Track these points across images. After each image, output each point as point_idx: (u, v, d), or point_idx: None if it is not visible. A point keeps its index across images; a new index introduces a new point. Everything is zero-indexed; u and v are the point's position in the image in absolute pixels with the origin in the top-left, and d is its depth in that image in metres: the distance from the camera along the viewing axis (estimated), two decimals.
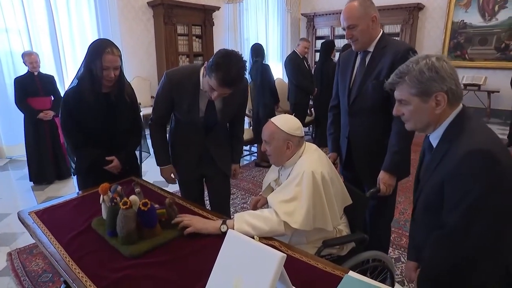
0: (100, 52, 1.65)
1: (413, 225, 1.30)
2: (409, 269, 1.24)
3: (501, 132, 5.88)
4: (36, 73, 3.47)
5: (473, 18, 6.55)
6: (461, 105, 1.06)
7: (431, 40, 7.08)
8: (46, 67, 4.46)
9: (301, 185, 1.38)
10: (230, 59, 1.49)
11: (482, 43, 6.59)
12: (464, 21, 6.66)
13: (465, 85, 6.57)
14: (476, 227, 0.94)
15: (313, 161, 1.46)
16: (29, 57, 3.39)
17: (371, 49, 1.70)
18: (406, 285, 2.08)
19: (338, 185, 1.53)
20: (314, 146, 1.59)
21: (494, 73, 6.56)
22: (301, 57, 4.48)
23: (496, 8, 6.33)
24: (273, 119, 1.53)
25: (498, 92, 6.39)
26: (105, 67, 1.67)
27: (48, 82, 3.56)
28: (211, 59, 1.53)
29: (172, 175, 1.94)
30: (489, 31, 6.47)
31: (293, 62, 4.38)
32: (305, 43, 4.47)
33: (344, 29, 1.70)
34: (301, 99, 4.49)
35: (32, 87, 3.44)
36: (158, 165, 1.92)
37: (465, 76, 6.65)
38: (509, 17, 6.24)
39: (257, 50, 3.99)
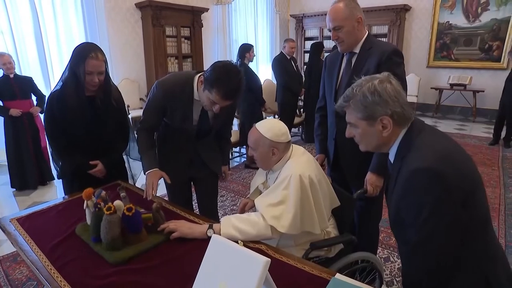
0: (84, 56, 1.61)
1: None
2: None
3: (486, 131, 6.00)
4: (11, 76, 3.29)
5: (458, 19, 6.68)
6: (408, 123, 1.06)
7: (418, 40, 7.19)
8: (31, 69, 4.37)
9: (288, 188, 1.38)
10: (230, 73, 1.50)
11: (467, 44, 6.72)
12: (450, 22, 6.78)
13: (452, 85, 6.70)
14: (435, 239, 0.95)
15: (300, 164, 1.46)
16: (2, 58, 3.21)
17: (357, 50, 1.70)
18: (395, 285, 2.10)
19: (326, 187, 1.53)
20: (301, 149, 1.59)
21: (479, 73, 6.69)
22: (288, 57, 4.50)
23: (479, 10, 6.47)
24: (257, 125, 1.51)
25: (483, 91, 6.52)
26: (89, 72, 1.63)
27: (25, 84, 3.39)
28: (209, 74, 1.52)
29: (156, 182, 1.78)
30: (473, 32, 6.61)
31: (280, 63, 4.40)
32: (291, 43, 4.50)
33: (330, 31, 1.70)
34: (289, 100, 4.51)
35: (8, 90, 3.27)
36: (144, 171, 1.79)
37: (451, 76, 6.77)
38: (491, 19, 6.38)
39: (243, 50, 3.99)
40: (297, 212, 1.36)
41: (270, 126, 1.49)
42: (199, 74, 1.64)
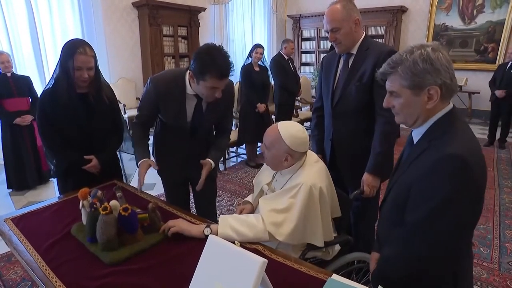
0: (72, 52, 1.61)
1: (379, 217, 1.28)
2: (372, 260, 1.23)
3: (481, 132, 6.04)
4: (9, 74, 3.30)
5: (454, 21, 6.72)
6: (451, 104, 1.02)
7: (414, 41, 7.05)
8: (27, 68, 4.34)
9: (296, 197, 1.35)
10: (213, 53, 1.49)
11: (463, 46, 6.77)
12: (446, 24, 6.82)
13: None
14: (435, 231, 0.93)
15: (313, 174, 1.41)
16: (0, 57, 3.23)
17: (354, 51, 1.71)
18: None
19: (332, 197, 1.50)
20: (315, 156, 1.55)
21: (475, 75, 6.74)
22: (286, 58, 4.52)
23: (475, 12, 6.51)
24: (280, 126, 1.43)
25: (479, 93, 6.56)
26: (77, 67, 1.62)
27: (23, 83, 3.39)
28: (194, 65, 1.51)
29: (145, 170, 1.69)
30: (469, 34, 6.65)
31: (278, 63, 4.41)
32: (291, 44, 4.52)
33: (327, 32, 1.70)
34: (286, 100, 4.52)
35: (5, 88, 3.27)
36: (137, 162, 1.73)
37: None
38: (486, 21, 6.43)
39: (251, 49, 4.05)
40: (300, 224, 1.33)
41: (292, 132, 1.41)
42: (189, 70, 1.63)
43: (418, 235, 0.96)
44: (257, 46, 4.03)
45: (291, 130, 1.42)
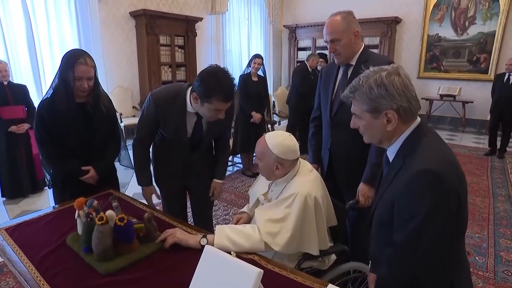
0: (73, 62, 1.62)
1: (370, 238, 1.28)
2: (370, 281, 1.23)
3: (475, 141, 6.11)
4: (5, 83, 3.31)
5: (447, 32, 6.86)
6: (418, 120, 1.04)
7: (409, 52, 7.34)
8: (24, 77, 4.34)
9: (291, 207, 1.35)
10: (219, 76, 1.50)
11: (456, 56, 6.89)
12: (439, 35, 6.95)
13: (442, 96, 6.84)
14: (422, 247, 0.94)
15: (307, 183, 1.43)
16: None
17: (353, 62, 1.73)
18: None
19: (327, 207, 1.51)
20: (309, 166, 1.56)
21: (468, 84, 6.84)
22: (310, 70, 4.88)
23: (467, 23, 6.66)
24: (267, 137, 1.46)
25: (472, 102, 6.66)
26: (78, 78, 1.63)
27: (19, 91, 3.40)
28: (200, 88, 1.51)
29: (153, 196, 1.91)
30: (462, 45, 6.79)
31: (303, 72, 4.87)
32: (315, 59, 4.93)
33: (326, 43, 1.73)
34: (299, 105, 4.88)
35: (1, 97, 3.28)
36: (139, 184, 1.89)
37: (441, 87, 6.92)
38: (478, 32, 6.57)
39: (250, 59, 4.15)
40: (296, 233, 1.33)
41: (279, 142, 1.44)
42: (191, 88, 1.63)
43: (407, 254, 0.97)
44: (256, 56, 4.09)
45: (277, 140, 1.44)
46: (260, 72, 4.16)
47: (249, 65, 4.13)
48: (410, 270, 0.99)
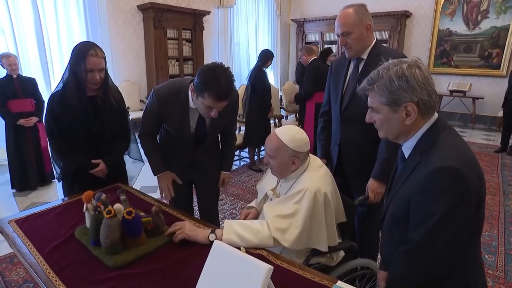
0: (84, 54, 1.62)
1: (382, 235, 1.27)
2: (380, 279, 1.21)
3: (485, 138, 6.01)
4: (15, 76, 3.33)
5: (458, 26, 6.72)
6: (435, 116, 1.02)
7: (418, 46, 7.22)
8: (32, 70, 4.36)
9: (300, 203, 1.34)
10: (216, 72, 1.47)
11: (467, 51, 6.75)
12: (450, 29, 6.81)
13: (451, 91, 6.72)
14: (440, 246, 0.92)
15: (317, 179, 1.41)
16: (7, 59, 3.26)
17: (364, 56, 1.70)
18: None
19: (336, 202, 1.50)
20: (319, 161, 1.55)
21: (479, 80, 6.72)
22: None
23: (479, 17, 6.51)
24: (278, 133, 1.43)
25: (483, 98, 6.54)
26: (90, 69, 1.63)
27: (28, 85, 3.42)
28: (196, 80, 1.50)
29: (170, 183, 1.83)
30: (473, 40, 6.64)
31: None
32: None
33: (338, 36, 1.69)
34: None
35: (11, 90, 3.30)
36: (154, 174, 1.85)
37: (451, 83, 6.79)
38: (491, 27, 6.42)
39: (261, 55, 4.13)
40: (305, 229, 1.32)
41: (292, 135, 1.42)
42: (192, 83, 1.62)
43: (424, 252, 0.96)
44: (272, 56, 4.18)
45: (291, 134, 1.43)
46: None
47: (266, 62, 4.14)
48: (425, 268, 0.97)
